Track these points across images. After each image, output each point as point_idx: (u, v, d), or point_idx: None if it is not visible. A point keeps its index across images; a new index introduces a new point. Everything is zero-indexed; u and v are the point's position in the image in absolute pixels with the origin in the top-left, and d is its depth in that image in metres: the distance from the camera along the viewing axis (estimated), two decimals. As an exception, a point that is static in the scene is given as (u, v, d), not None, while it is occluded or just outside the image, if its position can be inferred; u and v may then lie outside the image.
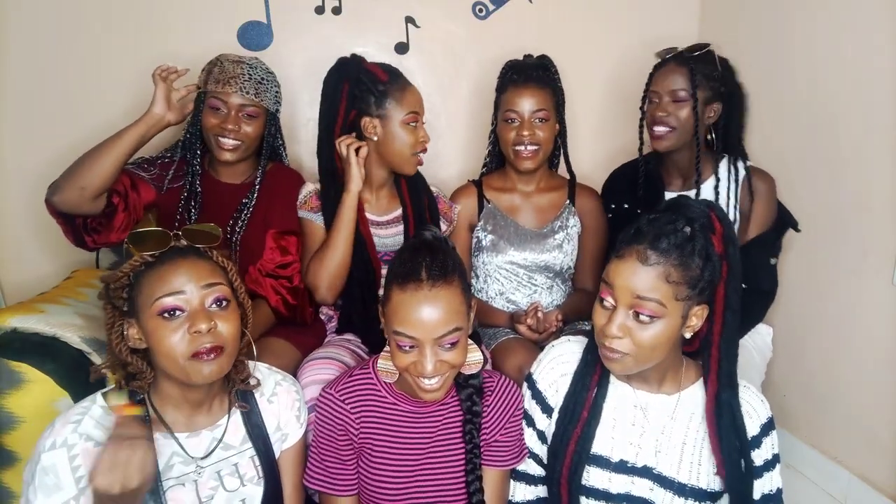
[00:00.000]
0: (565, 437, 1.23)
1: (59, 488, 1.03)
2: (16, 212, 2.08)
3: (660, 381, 1.22)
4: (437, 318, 1.14)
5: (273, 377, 1.29)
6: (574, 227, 1.87)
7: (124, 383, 1.12)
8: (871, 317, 1.70)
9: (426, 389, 1.19)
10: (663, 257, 1.08)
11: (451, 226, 1.83)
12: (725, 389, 1.18)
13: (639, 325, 1.10)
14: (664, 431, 1.22)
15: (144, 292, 1.07)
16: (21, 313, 1.48)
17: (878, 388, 1.69)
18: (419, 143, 1.67)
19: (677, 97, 1.69)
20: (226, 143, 1.64)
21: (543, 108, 1.74)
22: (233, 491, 1.17)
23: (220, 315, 1.09)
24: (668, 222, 1.10)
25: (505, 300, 1.87)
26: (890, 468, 1.67)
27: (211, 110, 1.64)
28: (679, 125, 1.69)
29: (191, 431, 1.16)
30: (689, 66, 1.68)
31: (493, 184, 1.90)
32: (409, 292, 1.14)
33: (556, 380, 1.29)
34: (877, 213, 1.67)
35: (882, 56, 1.64)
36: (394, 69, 1.70)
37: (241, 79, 1.63)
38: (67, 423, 1.07)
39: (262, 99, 1.67)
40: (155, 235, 1.10)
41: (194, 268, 1.09)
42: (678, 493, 1.20)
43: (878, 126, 1.66)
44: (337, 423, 1.26)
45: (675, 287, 1.08)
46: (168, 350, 1.05)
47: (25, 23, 2.01)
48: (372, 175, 1.71)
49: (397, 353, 1.19)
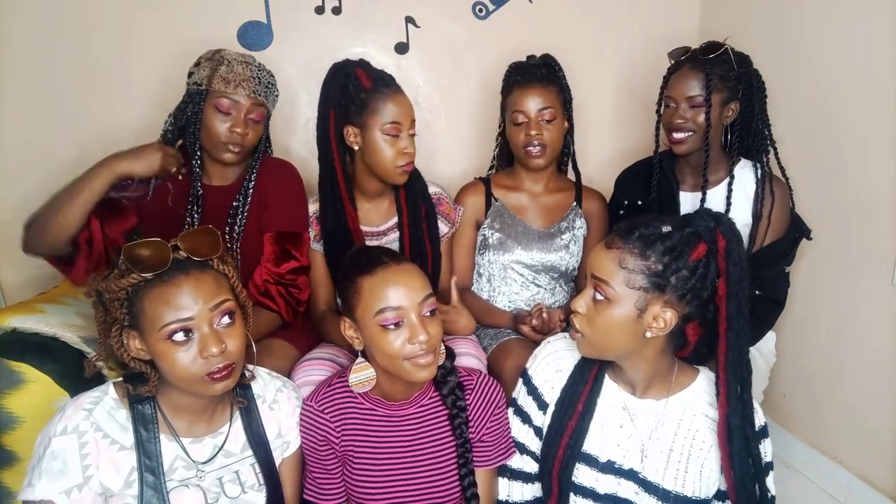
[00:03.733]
0: (560, 428, 1.24)
1: (65, 475, 1.03)
2: (16, 212, 2.07)
3: (645, 386, 1.22)
4: (412, 285, 1.19)
5: (274, 384, 1.28)
6: (580, 228, 1.87)
7: (132, 388, 1.12)
8: (871, 317, 1.71)
9: (423, 364, 1.19)
10: (624, 244, 1.11)
11: (453, 227, 1.81)
12: (735, 414, 1.14)
13: (595, 307, 1.14)
14: (651, 437, 1.21)
15: (148, 313, 1.03)
16: (21, 313, 1.49)
17: (878, 388, 1.70)
18: (400, 155, 1.58)
19: (695, 102, 1.66)
20: (231, 147, 1.59)
21: (549, 105, 1.74)
22: (234, 498, 1.17)
23: (229, 332, 1.08)
24: (654, 220, 1.13)
25: (507, 300, 1.87)
26: (890, 468, 1.67)
27: (217, 111, 1.56)
28: (697, 129, 1.68)
29: (193, 437, 1.16)
30: (705, 71, 1.64)
31: (502, 182, 1.90)
32: (379, 273, 1.19)
33: (552, 376, 1.29)
34: (877, 213, 1.68)
35: (883, 56, 1.64)
36: (382, 76, 1.63)
37: (252, 82, 1.58)
38: (80, 409, 1.07)
39: (268, 99, 1.64)
40: (152, 248, 1.05)
41: (199, 285, 1.05)
42: (662, 500, 1.20)
43: (879, 126, 1.66)
44: (318, 433, 1.27)
45: (628, 274, 1.10)
46: (181, 372, 1.05)
47: (25, 25, 2.01)
48: (364, 185, 1.68)
49: (384, 339, 1.18)
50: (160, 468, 1.10)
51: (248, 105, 1.58)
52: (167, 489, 1.10)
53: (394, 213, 1.74)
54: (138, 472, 1.09)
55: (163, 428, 1.13)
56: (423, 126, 2.33)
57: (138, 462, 1.09)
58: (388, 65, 2.25)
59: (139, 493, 1.08)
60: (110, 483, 1.07)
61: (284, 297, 1.63)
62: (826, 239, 1.83)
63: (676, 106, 1.69)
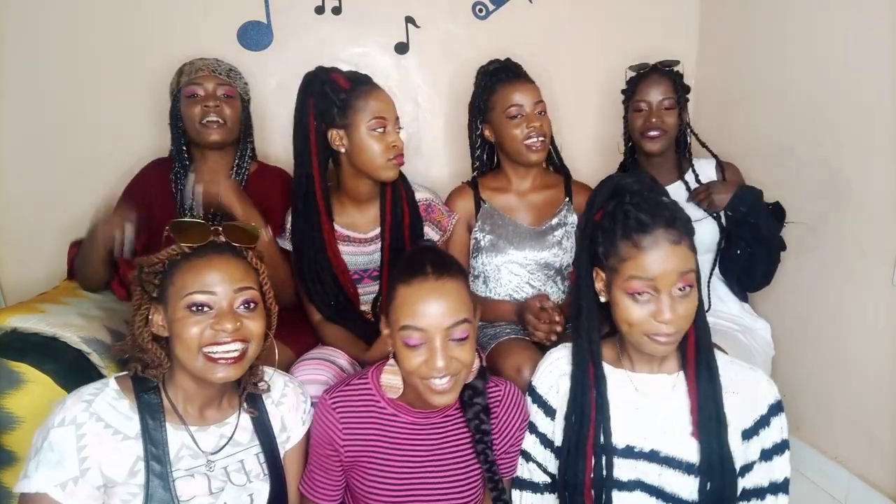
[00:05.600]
0: (581, 440, 1.20)
1: (61, 467, 1.03)
2: (16, 212, 2.08)
3: (665, 358, 1.22)
4: (444, 308, 1.12)
5: (282, 379, 1.31)
6: (573, 224, 1.87)
7: (140, 369, 1.13)
8: (871, 317, 1.71)
9: (437, 390, 1.15)
10: (681, 231, 1.12)
11: (444, 235, 1.78)
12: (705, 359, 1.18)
13: (680, 300, 1.11)
14: (668, 411, 1.20)
15: (177, 283, 1.09)
16: (21, 313, 1.48)
17: (878, 388, 1.70)
18: (389, 148, 1.58)
19: (666, 105, 1.86)
20: (210, 122, 1.71)
21: (541, 99, 1.80)
22: (240, 486, 1.18)
23: (247, 316, 1.12)
24: (654, 200, 1.14)
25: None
26: (890, 468, 1.67)
27: (189, 99, 1.71)
28: (669, 129, 1.87)
29: (200, 425, 1.16)
30: (671, 77, 1.88)
31: (489, 184, 1.90)
32: (415, 286, 1.14)
33: (556, 381, 1.28)
34: (876, 213, 1.68)
35: (881, 56, 1.64)
36: (359, 76, 1.64)
37: (211, 65, 1.75)
38: (80, 400, 1.08)
39: (234, 81, 1.78)
40: (196, 227, 1.13)
41: (229, 267, 1.11)
42: (687, 473, 1.18)
43: (879, 126, 1.66)
44: (324, 431, 1.26)
45: (693, 254, 1.13)
46: (187, 339, 1.07)
47: (25, 28, 2.01)
48: (352, 189, 1.67)
49: (405, 353, 1.14)
50: (166, 457, 1.10)
51: (213, 84, 1.72)
52: (173, 478, 1.10)
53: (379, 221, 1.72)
54: (144, 461, 1.08)
55: (170, 417, 1.13)
56: (423, 126, 2.33)
57: (144, 451, 1.09)
58: (388, 65, 2.26)
59: (145, 483, 1.08)
60: (113, 473, 1.06)
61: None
62: (826, 239, 1.83)
63: (650, 109, 1.87)
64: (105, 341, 1.53)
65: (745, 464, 1.19)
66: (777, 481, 1.19)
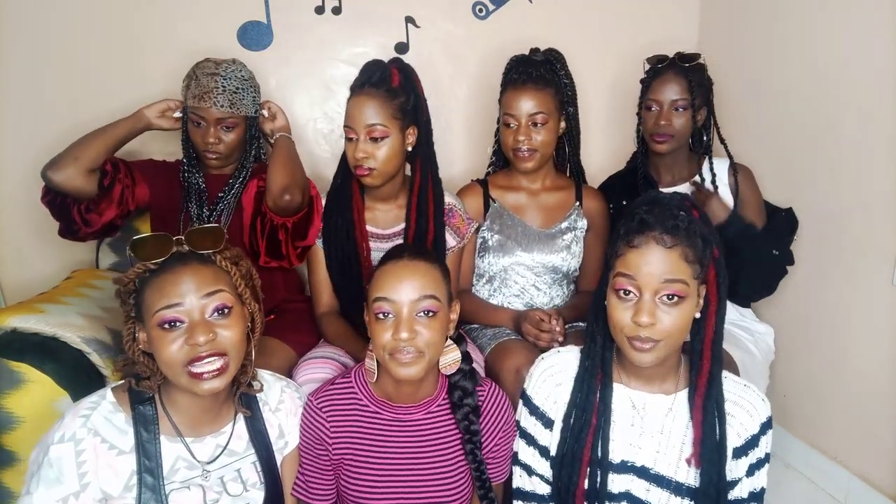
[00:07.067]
0: (578, 445, 1.21)
1: (61, 483, 1.03)
2: (16, 212, 2.08)
3: (662, 378, 1.22)
4: (414, 284, 1.18)
5: (279, 384, 1.29)
6: (583, 228, 1.85)
7: (135, 382, 1.12)
8: (871, 317, 1.71)
9: (401, 362, 1.17)
10: (679, 239, 1.10)
11: (461, 241, 1.75)
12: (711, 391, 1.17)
13: (666, 309, 1.10)
14: (663, 431, 1.21)
15: (147, 301, 1.06)
16: (21, 313, 1.48)
17: (878, 388, 1.70)
18: (352, 159, 1.58)
19: (678, 105, 1.79)
20: (209, 151, 1.72)
21: (541, 110, 1.71)
22: (236, 496, 1.17)
23: (222, 324, 1.08)
24: (667, 210, 1.12)
25: (506, 302, 1.85)
26: (890, 468, 1.67)
27: (193, 125, 1.72)
28: (678, 131, 1.81)
29: (196, 436, 1.15)
30: (686, 77, 1.78)
31: (498, 182, 1.88)
32: (390, 265, 1.21)
33: (553, 391, 1.27)
34: (876, 213, 1.68)
35: (881, 56, 1.64)
36: (358, 79, 1.62)
37: (214, 93, 1.66)
38: (77, 416, 1.07)
39: (239, 108, 1.70)
40: (155, 241, 1.09)
41: (195, 276, 1.07)
42: (675, 493, 1.20)
43: (878, 127, 1.66)
44: (313, 432, 1.26)
45: (692, 266, 1.11)
46: (167, 359, 1.05)
47: (25, 29, 2.01)
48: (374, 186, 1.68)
49: (376, 328, 1.19)
50: (159, 469, 1.10)
51: (215, 116, 1.68)
52: (166, 491, 1.10)
53: (402, 219, 1.71)
54: (137, 474, 1.08)
55: (165, 429, 1.13)
56: (423, 126, 2.33)
57: (138, 464, 1.08)
58: (388, 65, 2.26)
59: (137, 495, 1.07)
60: (109, 488, 1.07)
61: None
62: (826, 239, 1.83)
63: (661, 109, 1.80)
64: (105, 341, 1.53)
65: (731, 480, 1.20)
66: (755, 491, 1.22)
